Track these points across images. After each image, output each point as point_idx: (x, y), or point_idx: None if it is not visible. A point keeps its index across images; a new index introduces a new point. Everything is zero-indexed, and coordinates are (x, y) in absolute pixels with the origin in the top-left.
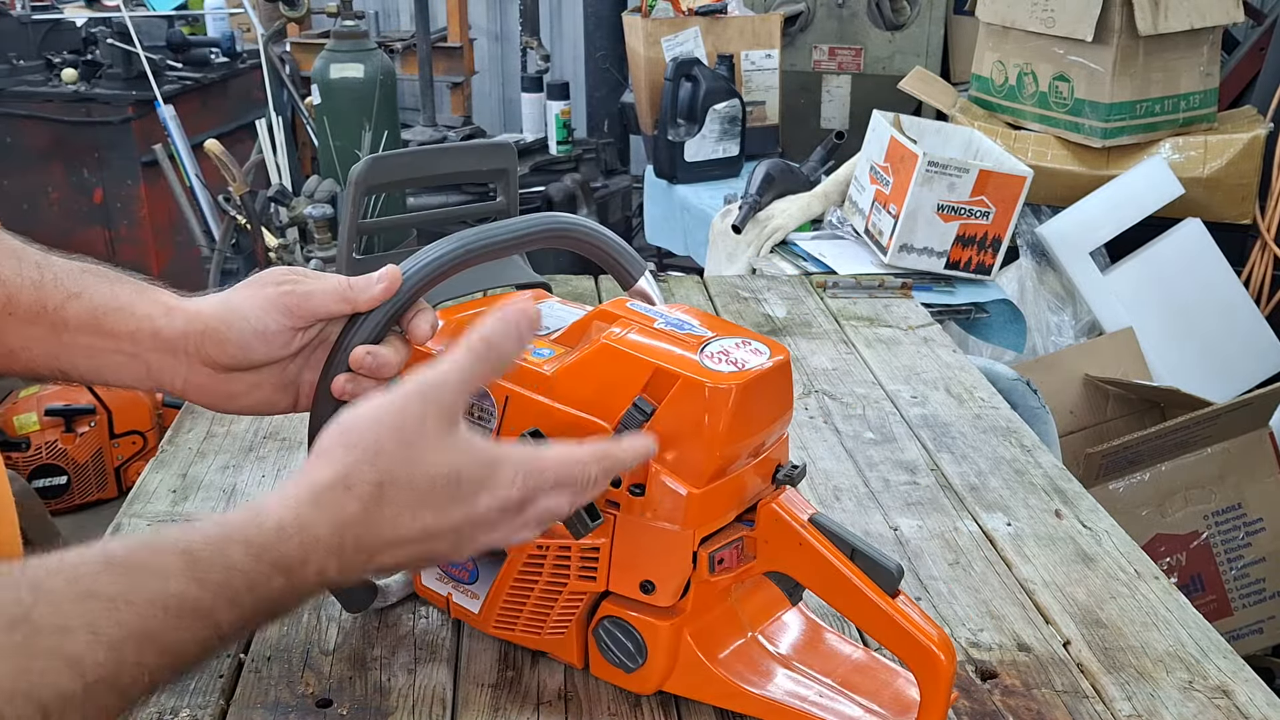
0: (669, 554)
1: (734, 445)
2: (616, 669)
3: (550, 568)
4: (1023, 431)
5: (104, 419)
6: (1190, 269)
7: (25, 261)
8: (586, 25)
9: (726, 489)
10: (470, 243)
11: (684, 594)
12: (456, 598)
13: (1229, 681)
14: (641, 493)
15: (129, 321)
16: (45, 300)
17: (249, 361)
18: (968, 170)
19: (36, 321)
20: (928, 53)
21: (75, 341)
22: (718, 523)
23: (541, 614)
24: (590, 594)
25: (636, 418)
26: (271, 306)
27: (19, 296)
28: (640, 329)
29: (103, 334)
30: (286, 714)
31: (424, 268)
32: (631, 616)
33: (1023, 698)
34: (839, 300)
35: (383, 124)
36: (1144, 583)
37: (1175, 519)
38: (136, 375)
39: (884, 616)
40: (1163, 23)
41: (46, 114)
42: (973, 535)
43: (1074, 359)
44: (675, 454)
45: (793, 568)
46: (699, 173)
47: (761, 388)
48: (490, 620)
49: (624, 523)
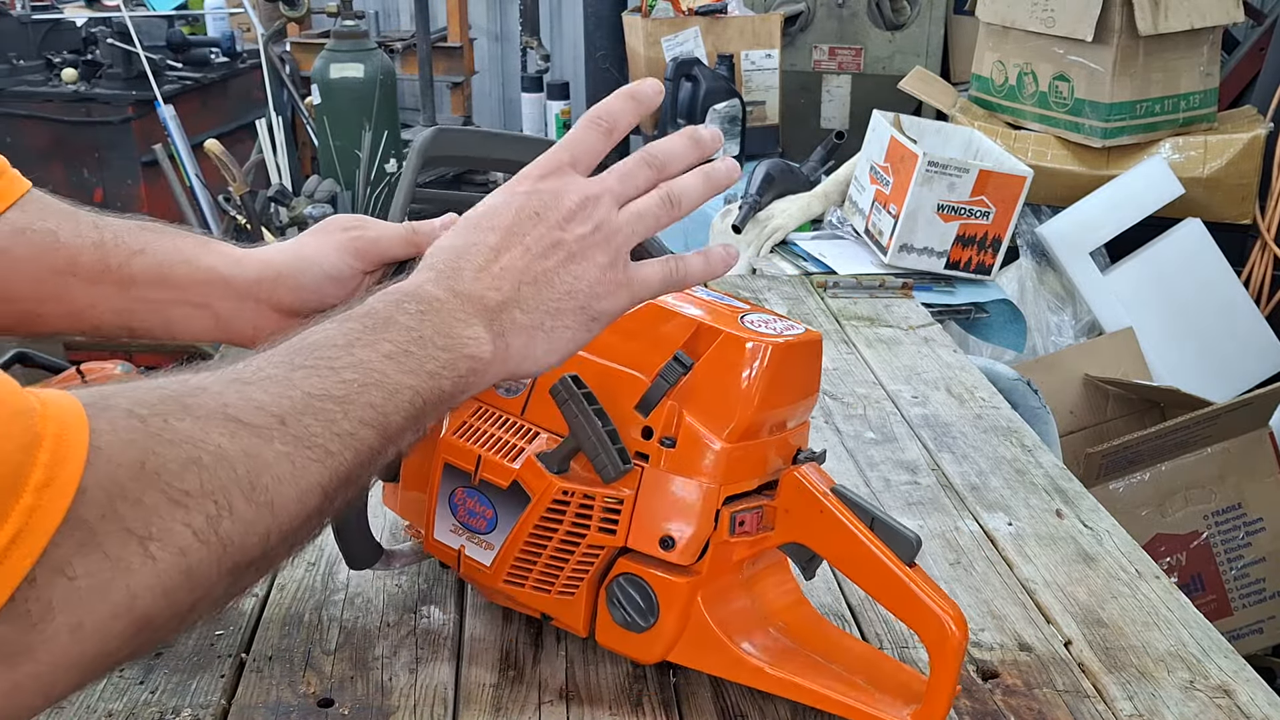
0: (693, 509)
1: (767, 408)
2: (624, 633)
3: (572, 517)
4: (1023, 431)
5: None
6: (1190, 269)
7: (83, 222)
8: (586, 25)
9: (754, 452)
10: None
11: (701, 556)
12: (469, 550)
13: (1230, 681)
14: (673, 445)
15: (196, 273)
16: (108, 258)
17: (321, 304)
18: (968, 170)
19: (101, 280)
20: (928, 53)
21: (144, 296)
22: (743, 484)
23: (555, 569)
24: (607, 550)
25: (676, 369)
26: (342, 250)
27: (80, 257)
28: (682, 296)
29: (170, 287)
30: (288, 713)
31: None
32: (647, 573)
33: (1024, 697)
34: (839, 300)
35: (383, 124)
36: (1145, 582)
37: (1175, 519)
38: (205, 326)
39: (900, 585)
40: (1163, 23)
41: (46, 114)
42: (974, 535)
43: (1074, 359)
44: (709, 409)
45: (812, 536)
46: None
47: (796, 357)
48: (501, 574)
49: (650, 476)
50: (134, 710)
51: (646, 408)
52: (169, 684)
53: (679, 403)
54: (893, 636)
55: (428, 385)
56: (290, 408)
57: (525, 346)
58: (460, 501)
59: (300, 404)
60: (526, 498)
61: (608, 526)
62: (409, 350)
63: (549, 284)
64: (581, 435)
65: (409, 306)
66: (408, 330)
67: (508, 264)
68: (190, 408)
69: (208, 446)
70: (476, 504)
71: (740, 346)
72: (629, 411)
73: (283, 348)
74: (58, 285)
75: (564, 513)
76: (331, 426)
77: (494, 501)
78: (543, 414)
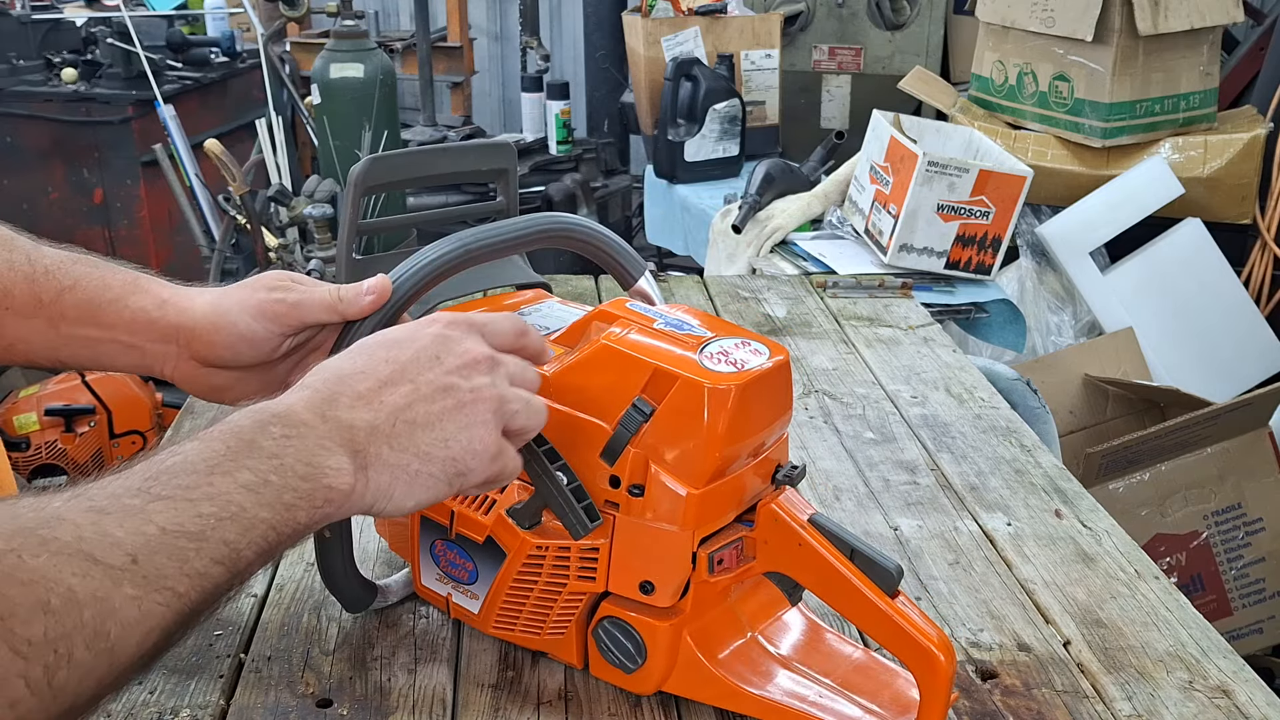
0: (668, 555)
1: (733, 445)
2: (616, 669)
3: (550, 568)
4: (1023, 431)
5: (104, 419)
6: (1190, 269)
7: (16, 252)
8: (586, 25)
9: (726, 489)
10: (469, 243)
11: (683, 594)
12: (456, 598)
13: (1229, 681)
14: (641, 493)
15: (124, 312)
16: (40, 293)
17: (235, 362)
18: (968, 170)
19: (34, 315)
20: (928, 53)
21: (74, 333)
22: (717, 523)
23: (541, 614)
24: (590, 594)
25: (636, 418)
26: (260, 313)
27: (13, 290)
28: (640, 329)
29: (100, 325)
30: (287, 714)
31: (418, 272)
32: (631, 617)
33: (1023, 698)
34: (839, 300)
35: (383, 124)
36: (1144, 582)
37: (1175, 519)
38: (133, 361)
39: (883, 617)
40: (1163, 23)
41: (46, 114)
42: (973, 535)
43: (1074, 359)
44: (675, 454)
45: (792, 568)
46: (699, 173)
47: (761, 388)
48: (490, 621)
49: (623, 524)
50: (132, 710)
51: (611, 456)
52: (167, 684)
53: (644, 450)
54: None
55: (284, 518)
56: (144, 545)
57: (387, 485)
58: (441, 553)
59: (154, 541)
60: (502, 553)
61: (586, 575)
62: (268, 479)
63: (428, 427)
64: (546, 494)
65: (274, 430)
66: (270, 457)
67: (390, 399)
68: (46, 541)
69: (58, 589)
70: (456, 556)
71: (699, 391)
72: (594, 460)
73: (142, 469)
74: None
75: (541, 563)
76: (183, 566)
77: (472, 555)
78: None
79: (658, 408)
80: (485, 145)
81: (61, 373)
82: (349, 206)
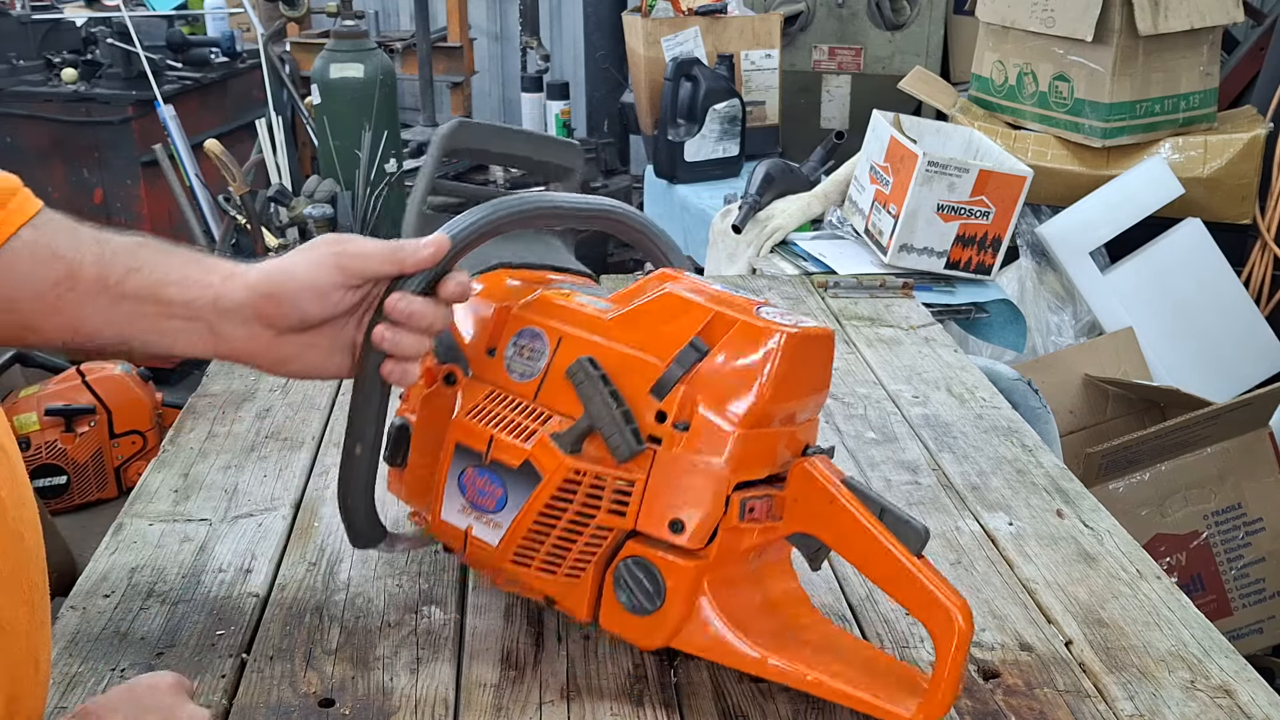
0: (704, 491)
1: (780, 396)
2: (628, 617)
3: (583, 496)
4: (1024, 431)
5: (104, 419)
6: (1190, 269)
7: (82, 238)
8: (586, 25)
9: (765, 440)
10: (524, 204)
11: (710, 541)
12: (477, 530)
13: (1231, 681)
14: (686, 429)
15: (189, 290)
16: (107, 275)
17: (304, 319)
18: (968, 170)
19: (100, 296)
20: (928, 53)
21: (139, 312)
22: (753, 471)
23: (563, 549)
24: (616, 532)
25: (692, 355)
26: (322, 265)
27: (81, 272)
28: (699, 287)
29: (164, 304)
30: (289, 714)
31: (475, 226)
32: (654, 555)
33: (1025, 697)
34: (840, 300)
35: (383, 124)
36: (1146, 582)
37: (1175, 519)
38: (200, 342)
39: (910, 576)
40: (1163, 23)
41: (46, 114)
42: (974, 535)
43: (1074, 359)
44: (723, 394)
45: (821, 526)
46: (699, 173)
47: (810, 348)
48: (508, 554)
49: (663, 458)
50: None
51: (661, 391)
52: None
53: (693, 389)
54: (893, 636)
55: None
56: None
57: None
58: (470, 481)
59: None
60: (537, 477)
61: (618, 508)
62: None
63: None
64: (596, 414)
65: None
66: None
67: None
68: None
69: None
70: (486, 483)
71: (756, 333)
72: (643, 395)
73: None
74: (57, 299)
75: (574, 493)
76: None
77: (504, 480)
78: (557, 398)
79: (713, 348)
80: (562, 141)
81: (65, 371)
82: (430, 161)
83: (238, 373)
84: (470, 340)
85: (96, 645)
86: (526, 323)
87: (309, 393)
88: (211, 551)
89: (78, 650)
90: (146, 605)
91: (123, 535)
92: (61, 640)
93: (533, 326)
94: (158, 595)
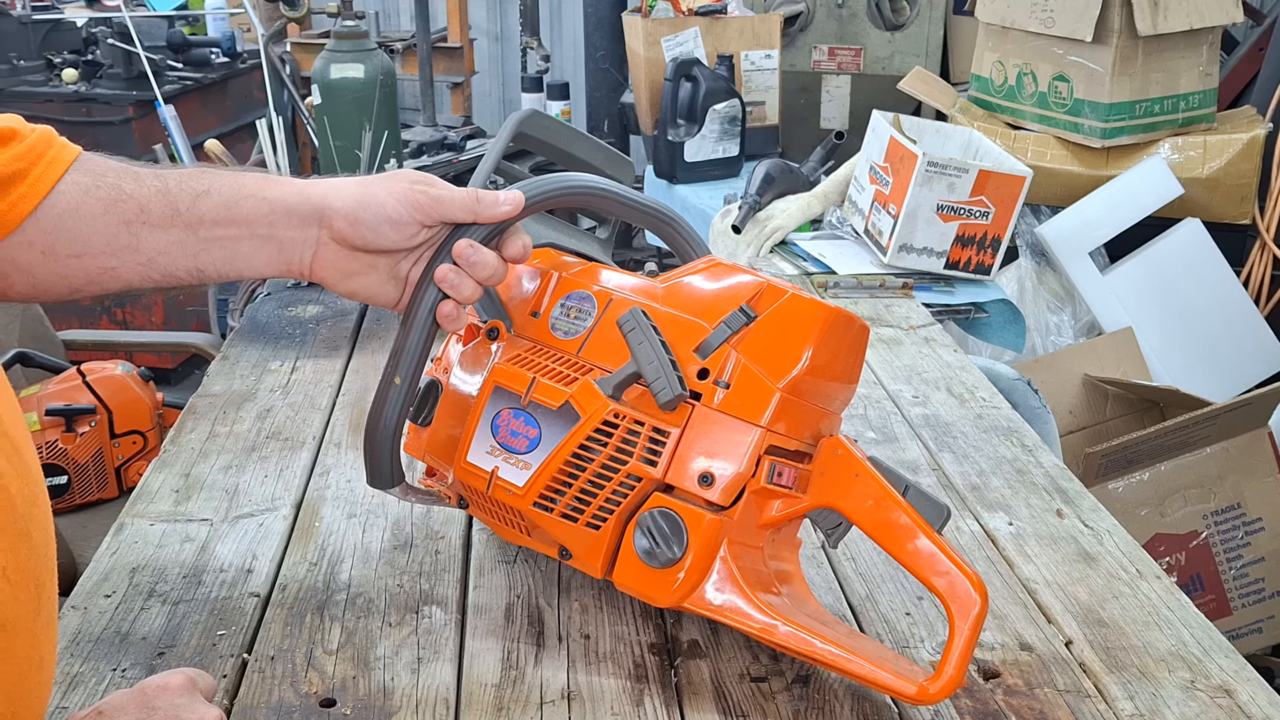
0: (737, 447)
1: (821, 371)
2: (643, 571)
3: (618, 440)
4: (1024, 431)
5: (104, 419)
6: (1190, 269)
7: (143, 174)
8: (586, 25)
9: (803, 410)
10: (593, 184)
11: (736, 500)
12: (503, 471)
13: (1231, 681)
14: (727, 386)
15: (261, 205)
16: (176, 202)
17: (375, 244)
18: (967, 170)
19: (171, 224)
20: (927, 53)
21: (212, 234)
22: (786, 437)
23: (589, 494)
24: (644, 483)
25: (740, 318)
26: (404, 199)
27: (149, 205)
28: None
29: (237, 222)
30: (290, 714)
31: (547, 191)
32: (679, 505)
33: (1025, 697)
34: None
35: (383, 124)
36: (1145, 582)
37: (1175, 519)
38: (268, 257)
39: (929, 550)
40: (1162, 23)
41: (47, 114)
42: (974, 535)
43: (1073, 359)
44: (769, 358)
45: (844, 500)
46: (699, 173)
47: (848, 330)
48: (533, 496)
49: (700, 414)
50: None
51: (706, 351)
52: None
53: (738, 350)
54: (894, 636)
55: None
56: None
57: None
58: (504, 422)
59: None
60: (575, 417)
61: (651, 457)
62: None
63: None
64: (644, 359)
65: None
66: None
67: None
68: None
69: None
70: (521, 424)
71: (804, 305)
72: (687, 353)
73: None
74: (130, 236)
75: (610, 436)
76: None
77: (541, 422)
78: (600, 353)
79: (761, 315)
80: (620, 155)
81: (66, 371)
82: (499, 142)
83: (238, 373)
84: (515, 302)
85: (97, 645)
86: (576, 286)
87: (309, 393)
88: (212, 551)
89: (79, 650)
90: (147, 605)
91: (124, 535)
92: (62, 640)
93: (582, 290)
94: (159, 595)
